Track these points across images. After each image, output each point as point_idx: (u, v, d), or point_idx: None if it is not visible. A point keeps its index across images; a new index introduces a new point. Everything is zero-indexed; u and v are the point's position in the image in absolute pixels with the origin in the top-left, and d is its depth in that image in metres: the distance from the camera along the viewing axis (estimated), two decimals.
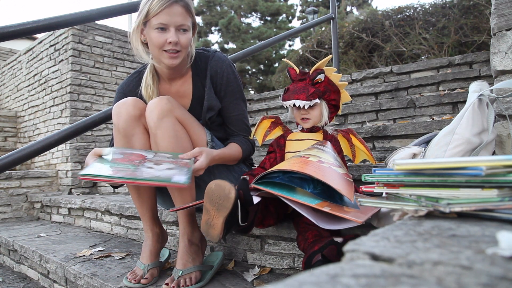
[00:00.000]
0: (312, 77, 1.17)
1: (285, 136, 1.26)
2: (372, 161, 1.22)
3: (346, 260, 0.37)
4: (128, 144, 1.12)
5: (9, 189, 2.73)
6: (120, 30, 3.34)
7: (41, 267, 1.60)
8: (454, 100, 1.90)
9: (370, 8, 11.49)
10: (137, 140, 1.12)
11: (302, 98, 1.14)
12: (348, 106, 2.28)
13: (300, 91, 1.16)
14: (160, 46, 1.11)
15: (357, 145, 1.23)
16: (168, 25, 1.10)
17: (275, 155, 1.23)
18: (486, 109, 0.91)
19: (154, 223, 1.22)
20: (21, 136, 3.74)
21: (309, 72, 1.19)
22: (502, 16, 1.07)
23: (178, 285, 1.01)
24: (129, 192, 1.20)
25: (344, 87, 1.23)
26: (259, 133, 1.35)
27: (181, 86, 1.27)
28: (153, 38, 1.11)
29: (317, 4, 16.67)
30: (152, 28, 1.10)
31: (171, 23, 1.10)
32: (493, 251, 0.34)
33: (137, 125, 1.12)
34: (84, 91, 3.05)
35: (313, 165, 0.88)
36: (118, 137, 1.13)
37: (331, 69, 1.19)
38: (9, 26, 1.25)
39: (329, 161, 0.95)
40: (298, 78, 1.20)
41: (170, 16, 1.09)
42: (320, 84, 1.17)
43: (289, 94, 1.18)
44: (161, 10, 1.08)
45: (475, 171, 0.49)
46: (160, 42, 1.10)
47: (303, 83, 1.18)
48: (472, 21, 3.86)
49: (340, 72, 4.31)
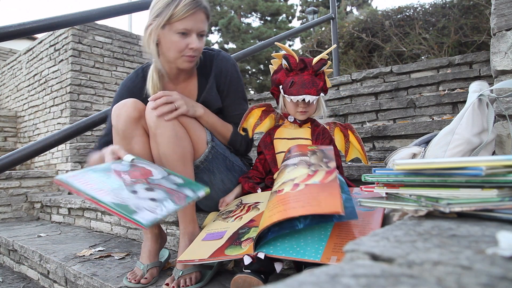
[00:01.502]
0: (317, 68, 1.12)
1: (272, 134, 1.22)
2: (364, 161, 1.20)
3: (346, 260, 0.37)
4: (127, 146, 1.11)
5: (9, 189, 2.73)
6: (120, 30, 3.34)
7: (41, 267, 1.60)
8: (454, 100, 1.90)
9: (370, 8, 11.48)
10: (136, 143, 1.12)
11: (313, 93, 1.08)
12: (348, 106, 2.28)
13: (310, 84, 1.09)
14: (180, 51, 1.12)
15: (353, 142, 1.20)
16: (191, 31, 1.11)
17: (264, 156, 1.21)
18: (486, 109, 0.91)
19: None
20: (21, 136, 3.74)
21: (305, 60, 1.13)
22: (502, 16, 1.07)
23: (178, 285, 1.01)
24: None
25: (328, 74, 1.19)
26: (249, 123, 1.27)
27: (186, 86, 1.27)
28: (174, 41, 1.11)
29: (317, 4, 16.66)
30: (173, 32, 1.10)
31: (194, 29, 1.11)
32: (493, 251, 0.34)
33: (136, 127, 1.11)
34: (84, 91, 3.05)
35: (291, 199, 0.82)
36: (117, 138, 1.13)
37: (325, 57, 1.15)
38: (9, 26, 1.25)
39: (303, 177, 0.89)
40: (299, 68, 1.13)
41: (194, 22, 1.10)
42: (321, 75, 1.13)
43: (297, 88, 1.09)
44: (187, 16, 1.08)
45: (475, 171, 0.49)
46: (181, 47, 1.11)
47: (308, 76, 1.11)
48: (472, 21, 3.86)
49: (340, 72, 4.32)
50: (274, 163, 1.19)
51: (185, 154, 1.10)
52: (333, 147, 1.15)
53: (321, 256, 0.78)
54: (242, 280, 0.85)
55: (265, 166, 1.22)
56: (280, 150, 1.19)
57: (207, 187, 0.97)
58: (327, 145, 1.14)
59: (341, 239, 0.82)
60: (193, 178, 1.14)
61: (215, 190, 1.22)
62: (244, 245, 0.91)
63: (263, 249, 0.87)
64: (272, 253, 0.85)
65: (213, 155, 1.19)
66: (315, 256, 0.79)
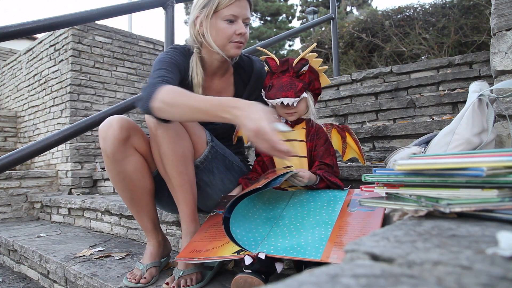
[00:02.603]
0: (297, 68, 1.10)
1: None
2: (362, 161, 1.21)
3: (346, 260, 0.37)
4: (119, 168, 1.10)
5: (9, 189, 2.72)
6: (120, 30, 3.34)
7: (41, 267, 1.60)
8: (454, 100, 1.90)
9: (370, 8, 11.48)
10: (128, 163, 1.11)
11: (291, 95, 1.07)
12: (348, 106, 2.28)
13: (287, 87, 1.08)
14: (229, 37, 1.15)
15: (350, 143, 1.21)
16: (238, 17, 1.15)
17: (262, 158, 1.21)
18: (486, 109, 0.91)
19: (156, 232, 1.22)
20: (21, 136, 3.74)
21: (289, 61, 1.12)
22: (502, 16, 1.07)
23: (178, 285, 1.01)
24: (128, 207, 1.20)
25: (323, 71, 1.17)
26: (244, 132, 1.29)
27: (222, 82, 1.30)
28: (222, 28, 1.14)
29: (317, 4, 16.66)
30: (221, 19, 1.14)
31: (241, 15, 1.15)
32: (493, 251, 0.34)
33: (125, 148, 1.09)
34: (84, 91, 3.05)
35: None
36: (107, 162, 1.11)
37: (312, 55, 1.13)
38: (9, 26, 1.25)
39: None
40: (280, 70, 1.13)
41: (240, 9, 1.14)
42: (305, 75, 1.11)
43: (275, 91, 1.09)
44: (233, 2, 1.13)
45: (476, 172, 0.49)
46: (229, 33, 1.14)
47: (287, 77, 1.10)
48: (472, 21, 3.86)
49: (340, 72, 4.32)
50: (272, 164, 1.20)
51: (185, 154, 1.10)
52: (329, 146, 1.16)
53: (322, 255, 0.79)
54: (243, 280, 0.85)
55: (264, 168, 1.23)
56: None
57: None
58: (321, 145, 1.14)
59: (341, 238, 0.83)
60: (194, 178, 1.14)
61: (214, 190, 1.22)
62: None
63: (263, 249, 0.87)
64: (273, 253, 0.85)
65: (213, 155, 1.19)
66: (315, 255, 0.79)
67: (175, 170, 1.08)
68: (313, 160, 1.15)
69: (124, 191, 1.16)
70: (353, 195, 1.00)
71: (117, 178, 1.13)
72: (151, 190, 1.19)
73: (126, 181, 1.13)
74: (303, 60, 1.11)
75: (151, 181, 1.18)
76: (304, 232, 0.89)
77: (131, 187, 1.14)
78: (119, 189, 1.16)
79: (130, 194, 1.16)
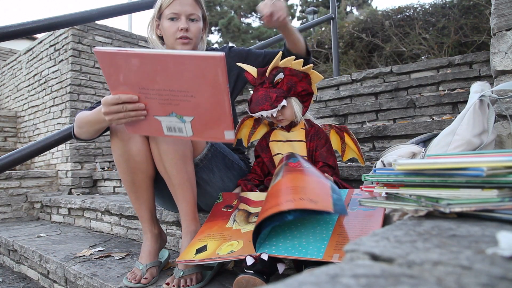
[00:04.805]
0: (270, 79, 1.11)
1: (267, 137, 1.23)
2: (361, 162, 1.21)
3: (346, 260, 0.37)
4: (125, 148, 1.10)
5: (9, 189, 2.72)
6: (120, 30, 3.34)
7: (41, 267, 1.60)
8: (454, 100, 1.90)
9: (370, 8, 11.48)
10: (133, 144, 1.11)
11: (267, 108, 1.09)
12: (348, 106, 2.28)
13: (262, 100, 1.10)
14: (173, 34, 1.21)
15: (349, 144, 1.21)
16: (179, 14, 1.21)
17: (262, 159, 1.22)
18: (487, 110, 0.91)
19: (153, 224, 1.21)
20: (21, 136, 3.74)
21: (266, 72, 1.13)
22: (502, 16, 1.07)
23: (178, 285, 1.01)
24: (127, 193, 1.20)
25: (311, 69, 1.15)
26: (243, 134, 1.29)
27: None
28: (166, 28, 1.22)
29: (317, 4, 16.66)
30: (165, 19, 1.22)
31: (182, 12, 1.21)
32: (493, 251, 0.34)
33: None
34: (84, 91, 3.05)
35: (285, 191, 0.83)
36: (114, 141, 1.11)
37: (289, 60, 1.12)
38: (9, 26, 1.25)
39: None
40: (258, 83, 1.14)
41: (180, 6, 1.20)
42: (282, 83, 1.11)
43: (253, 106, 1.12)
44: (172, 0, 1.20)
45: (476, 172, 0.49)
46: (172, 30, 1.21)
47: (263, 90, 1.12)
48: (472, 21, 3.86)
49: (340, 72, 4.32)
50: (272, 165, 1.21)
51: (185, 152, 1.10)
52: (330, 147, 1.16)
53: (323, 254, 0.79)
54: (246, 281, 0.85)
55: (263, 169, 1.24)
56: (277, 152, 1.20)
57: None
58: (323, 145, 1.15)
59: (343, 237, 0.83)
60: (193, 176, 1.14)
61: (214, 188, 1.22)
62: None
63: (264, 249, 0.87)
64: (275, 253, 0.85)
65: (212, 153, 1.19)
66: (317, 254, 0.80)
67: (174, 169, 1.08)
68: (314, 161, 1.15)
69: (126, 173, 1.14)
70: (353, 195, 1.00)
71: (121, 158, 1.12)
72: (152, 176, 1.17)
73: (129, 163, 1.12)
74: (275, 69, 1.11)
75: (153, 166, 1.17)
76: (305, 231, 0.89)
77: (133, 169, 1.13)
78: (122, 171, 1.14)
79: (132, 177, 1.14)
